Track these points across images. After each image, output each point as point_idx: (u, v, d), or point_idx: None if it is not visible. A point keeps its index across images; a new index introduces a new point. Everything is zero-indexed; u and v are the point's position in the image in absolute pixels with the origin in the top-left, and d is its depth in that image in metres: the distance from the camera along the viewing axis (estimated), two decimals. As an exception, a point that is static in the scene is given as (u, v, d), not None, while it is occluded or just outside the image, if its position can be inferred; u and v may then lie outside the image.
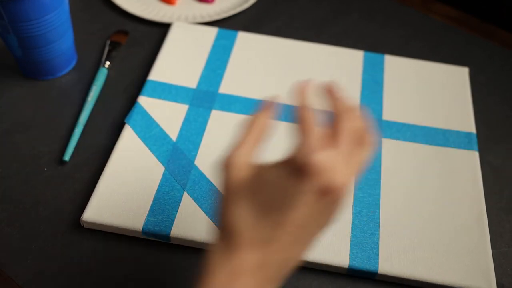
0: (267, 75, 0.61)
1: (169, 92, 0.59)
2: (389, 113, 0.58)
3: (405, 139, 0.56)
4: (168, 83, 0.60)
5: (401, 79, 0.62)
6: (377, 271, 0.46)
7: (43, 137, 0.56)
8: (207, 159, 0.52)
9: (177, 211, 0.48)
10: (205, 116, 0.56)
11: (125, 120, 0.55)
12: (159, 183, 0.50)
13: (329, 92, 0.36)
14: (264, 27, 0.70)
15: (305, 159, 0.30)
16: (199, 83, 0.60)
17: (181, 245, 0.48)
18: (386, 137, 0.56)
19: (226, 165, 0.33)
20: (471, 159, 0.54)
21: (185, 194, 0.50)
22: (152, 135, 0.54)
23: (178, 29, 0.66)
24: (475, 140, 0.56)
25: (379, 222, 0.49)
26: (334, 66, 0.63)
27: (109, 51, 0.64)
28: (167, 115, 0.56)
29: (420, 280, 0.45)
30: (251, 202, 0.32)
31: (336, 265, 0.46)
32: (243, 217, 0.32)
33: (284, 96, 0.59)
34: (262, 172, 0.32)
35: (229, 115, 0.57)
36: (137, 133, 0.54)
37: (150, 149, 0.53)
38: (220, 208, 0.33)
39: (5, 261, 0.46)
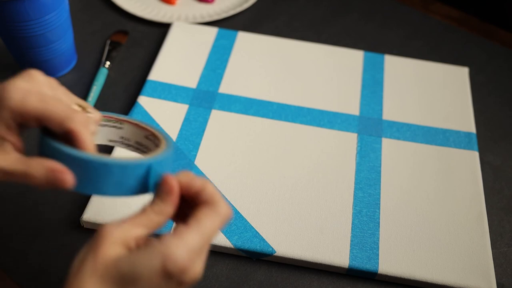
0: (267, 75, 0.61)
1: (169, 92, 0.59)
2: (389, 113, 0.58)
3: (405, 138, 0.56)
4: (168, 83, 0.60)
5: (401, 79, 0.62)
6: (377, 271, 0.46)
7: (43, 137, 0.56)
8: (207, 159, 0.53)
9: (177, 211, 0.48)
10: (205, 116, 0.56)
11: (125, 120, 0.55)
12: (159, 183, 0.50)
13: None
14: (263, 27, 0.70)
15: (178, 263, 0.30)
16: (199, 83, 0.60)
17: (181, 245, 0.48)
18: (386, 137, 0.56)
19: (101, 234, 0.31)
20: (471, 159, 0.54)
21: (185, 194, 0.50)
22: (152, 135, 0.54)
23: (178, 29, 0.66)
24: (475, 140, 0.56)
25: (379, 222, 0.49)
26: (334, 66, 0.63)
27: (109, 51, 0.64)
28: (167, 115, 0.56)
29: (420, 280, 0.45)
30: (110, 286, 0.30)
31: (336, 265, 0.46)
32: None
33: (282, 96, 0.59)
34: (132, 261, 0.30)
35: (229, 115, 0.57)
36: (137, 133, 0.54)
37: (150, 149, 0.53)
38: (76, 272, 0.31)
39: (5, 261, 0.46)
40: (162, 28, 0.69)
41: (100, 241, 0.31)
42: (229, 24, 0.70)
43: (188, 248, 0.31)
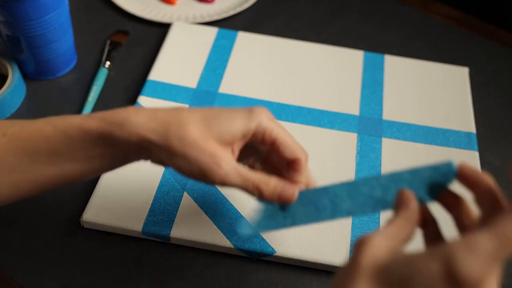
0: (267, 75, 0.61)
1: (169, 92, 0.59)
2: (389, 113, 0.58)
3: (405, 138, 0.56)
4: (168, 83, 0.60)
5: (401, 79, 0.62)
6: (377, 271, 0.46)
7: (43, 137, 0.56)
8: (207, 159, 0.52)
9: (177, 211, 0.48)
10: (205, 116, 0.56)
11: (125, 120, 0.55)
12: (159, 183, 0.50)
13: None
14: (263, 27, 0.70)
15: (468, 270, 0.25)
16: (199, 83, 0.60)
17: (181, 245, 0.48)
18: (386, 137, 0.56)
19: (361, 242, 0.29)
20: (471, 159, 0.54)
21: (185, 194, 0.50)
22: (152, 135, 0.54)
23: (178, 29, 0.66)
24: (475, 140, 0.56)
25: (379, 222, 0.49)
26: (334, 66, 0.63)
27: (109, 51, 0.64)
28: (167, 115, 0.56)
29: (420, 280, 0.45)
30: None
31: (336, 265, 0.46)
32: None
33: (282, 96, 0.59)
34: (404, 262, 0.27)
35: (229, 115, 0.56)
36: (137, 133, 0.54)
37: (150, 149, 0.53)
38: (340, 283, 0.29)
39: (5, 261, 0.46)
40: (162, 28, 0.69)
41: (362, 248, 0.29)
42: (229, 24, 0.70)
43: (481, 253, 0.25)
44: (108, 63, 0.63)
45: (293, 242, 0.47)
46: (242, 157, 0.41)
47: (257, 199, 0.38)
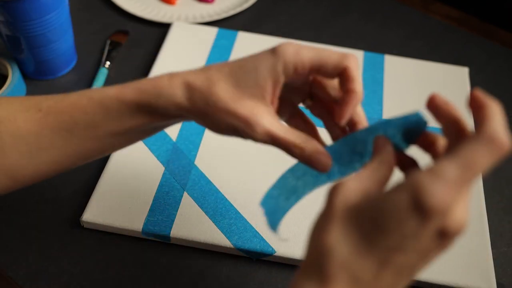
0: (267, 75, 0.61)
1: (169, 92, 0.58)
2: (389, 113, 0.58)
3: (405, 139, 0.56)
4: (168, 83, 0.59)
5: (401, 79, 0.62)
6: (377, 271, 0.45)
7: (43, 137, 0.56)
8: (207, 159, 0.53)
9: (177, 211, 0.48)
10: (205, 116, 0.56)
11: (125, 120, 0.55)
12: (159, 183, 0.50)
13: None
14: (264, 27, 0.70)
15: (434, 198, 0.26)
16: (199, 83, 0.60)
17: (181, 245, 0.48)
18: (386, 137, 0.56)
19: (334, 187, 0.30)
20: (471, 159, 0.54)
21: (185, 194, 0.50)
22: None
23: (178, 29, 0.66)
24: (475, 140, 0.56)
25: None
26: (334, 66, 0.63)
27: (109, 51, 0.64)
28: (167, 115, 0.56)
29: (420, 280, 0.45)
30: (355, 230, 0.28)
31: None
32: (341, 244, 0.28)
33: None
34: (374, 200, 0.28)
35: (229, 115, 0.56)
36: (137, 133, 0.54)
37: (150, 149, 0.53)
38: (315, 230, 0.30)
39: (5, 261, 0.46)
40: (162, 28, 0.69)
41: (334, 192, 0.29)
42: (229, 24, 0.70)
43: (446, 180, 0.26)
44: (108, 63, 0.63)
45: (293, 242, 0.47)
46: (289, 98, 0.39)
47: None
